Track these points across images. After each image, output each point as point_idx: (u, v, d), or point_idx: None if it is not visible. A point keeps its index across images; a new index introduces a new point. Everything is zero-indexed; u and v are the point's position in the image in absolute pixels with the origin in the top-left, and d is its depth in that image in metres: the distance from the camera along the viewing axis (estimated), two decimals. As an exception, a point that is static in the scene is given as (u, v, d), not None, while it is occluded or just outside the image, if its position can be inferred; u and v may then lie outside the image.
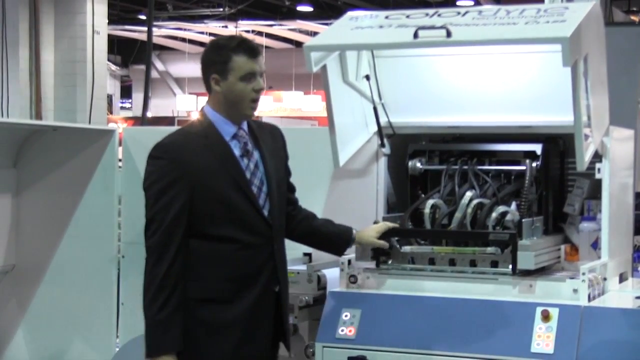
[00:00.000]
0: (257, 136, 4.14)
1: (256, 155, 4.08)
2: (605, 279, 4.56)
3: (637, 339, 4.07)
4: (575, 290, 4.10)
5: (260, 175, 4.06)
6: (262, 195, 4.03)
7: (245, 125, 4.10)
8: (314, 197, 5.19)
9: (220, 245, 3.92)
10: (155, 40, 25.74)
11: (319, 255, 5.12)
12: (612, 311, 4.23)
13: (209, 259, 3.91)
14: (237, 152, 4.00)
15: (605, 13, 11.79)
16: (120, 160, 5.66)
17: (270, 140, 4.21)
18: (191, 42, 29.89)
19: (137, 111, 26.53)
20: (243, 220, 3.96)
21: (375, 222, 4.72)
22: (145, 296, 3.89)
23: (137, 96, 31.00)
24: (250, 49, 3.98)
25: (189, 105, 28.29)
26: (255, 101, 4.03)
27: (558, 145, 4.92)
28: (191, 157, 3.92)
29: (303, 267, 4.93)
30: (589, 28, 4.46)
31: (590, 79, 4.46)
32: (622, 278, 4.85)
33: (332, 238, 4.51)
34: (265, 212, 4.02)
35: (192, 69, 31.29)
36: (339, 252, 4.56)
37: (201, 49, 22.65)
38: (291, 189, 4.41)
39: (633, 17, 20.36)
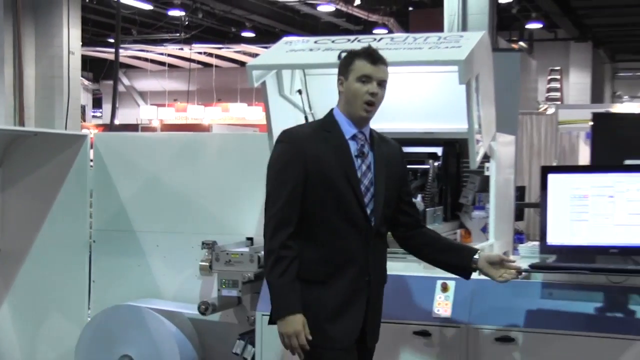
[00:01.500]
0: (375, 145, 3.77)
1: (370, 158, 3.72)
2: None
3: (516, 305, 4.17)
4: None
5: (370, 177, 3.68)
6: (368, 195, 3.66)
7: (367, 132, 3.76)
8: (255, 193, 5.20)
9: (321, 230, 3.59)
10: (121, 59, 25.50)
11: (260, 240, 5.13)
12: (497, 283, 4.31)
13: (309, 241, 3.59)
14: (353, 151, 3.67)
15: (492, 41, 11.96)
16: (91, 160, 5.62)
17: (388, 153, 3.82)
18: (152, 61, 29.62)
19: (106, 119, 26.22)
20: (347, 211, 3.61)
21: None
22: (266, 264, 3.60)
23: (106, 107, 30.55)
24: (370, 56, 3.68)
25: (150, 114, 28.06)
26: (369, 104, 3.65)
27: (455, 148, 4.99)
28: (310, 146, 3.62)
29: (246, 249, 4.92)
30: (480, 53, 4.54)
31: (481, 94, 4.55)
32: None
33: (451, 260, 3.94)
34: (368, 210, 3.64)
35: (153, 84, 31.14)
36: (461, 273, 3.96)
37: (161, 67, 22.44)
38: (406, 201, 3.93)
39: (514, 45, 20.64)
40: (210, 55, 28.01)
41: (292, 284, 3.53)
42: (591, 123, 6.14)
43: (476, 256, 3.84)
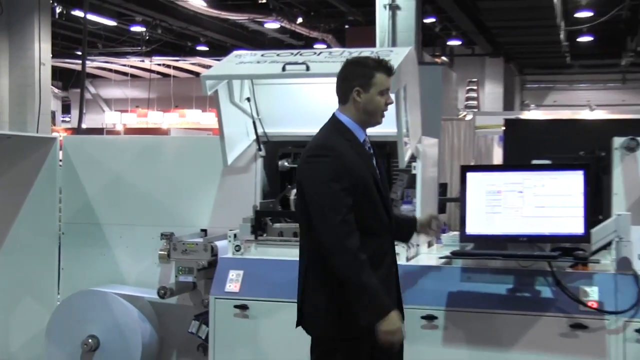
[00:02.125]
0: (372, 145, 3.65)
1: (374, 161, 3.60)
2: (418, 245, 4.69)
3: (439, 288, 4.20)
4: (397, 253, 4.19)
5: (380, 178, 3.58)
6: (384, 194, 3.58)
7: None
8: (208, 190, 5.18)
9: (362, 232, 3.34)
10: (88, 70, 25.13)
11: (213, 231, 5.12)
12: (423, 267, 4.35)
13: None
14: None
15: (418, 55, 12.03)
16: (60, 160, 5.55)
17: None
18: (116, 72, 29.33)
19: (74, 124, 25.88)
20: (378, 212, 3.50)
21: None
22: (344, 269, 3.29)
23: (74, 112, 30.15)
24: (388, 69, 3.55)
25: (114, 119, 27.76)
26: (384, 112, 3.59)
27: (386, 149, 4.99)
28: (347, 154, 3.41)
29: (201, 240, 4.89)
30: (407, 66, 4.57)
31: (408, 102, 4.58)
32: (429, 245, 4.95)
33: (401, 230, 3.91)
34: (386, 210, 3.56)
35: (117, 92, 30.84)
36: (408, 239, 4.11)
37: (124, 77, 22.06)
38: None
39: (437, 59, 20.84)
40: (169, 66, 27.84)
41: (380, 285, 3.34)
42: (503, 128, 6.21)
43: (419, 228, 4.00)
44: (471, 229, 4.16)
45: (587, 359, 3.99)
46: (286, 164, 5.10)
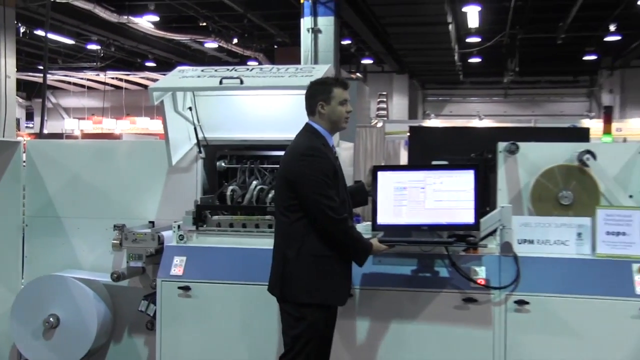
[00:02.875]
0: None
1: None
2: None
3: (354, 269, 4.20)
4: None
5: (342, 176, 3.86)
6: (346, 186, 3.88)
7: None
8: (155, 187, 5.10)
9: None
10: (49, 82, 24.59)
11: (160, 222, 5.04)
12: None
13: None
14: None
15: (336, 72, 12.10)
16: (24, 162, 5.40)
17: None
18: (74, 84, 28.69)
19: (37, 129, 25.22)
20: (344, 205, 3.76)
21: (357, 181, 4.61)
22: (340, 232, 3.64)
23: (37, 119, 29.44)
24: (344, 83, 3.83)
25: (72, 125, 27.10)
26: (347, 119, 3.83)
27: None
28: (327, 155, 3.70)
29: (149, 230, 4.80)
30: (327, 80, 4.57)
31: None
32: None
33: (358, 197, 4.24)
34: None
35: (75, 102, 30.17)
36: (366, 201, 4.32)
37: (81, 89, 21.57)
38: None
39: (352, 75, 20.99)
40: (121, 79, 27.39)
41: (360, 233, 3.76)
42: (408, 134, 6.27)
43: (367, 188, 4.24)
44: (382, 219, 4.16)
45: (476, 326, 4.07)
46: (223, 164, 5.07)
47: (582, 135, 5.69)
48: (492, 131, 7.69)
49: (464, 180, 4.11)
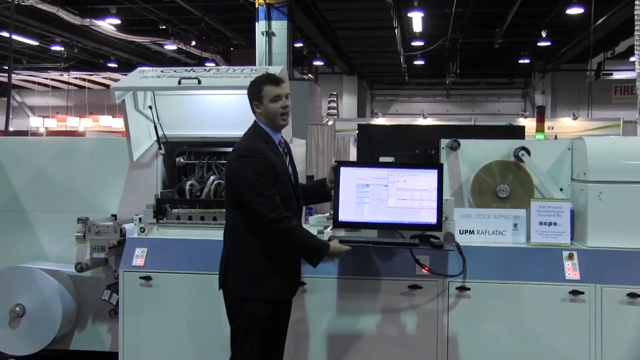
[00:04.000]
0: (287, 147, 3.76)
1: (287, 159, 3.70)
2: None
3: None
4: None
5: (292, 171, 3.68)
6: (294, 185, 3.67)
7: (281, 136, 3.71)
8: (117, 182, 5.03)
9: None
10: (14, 82, 24.01)
11: (122, 216, 4.97)
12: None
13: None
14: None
15: (289, 73, 12.06)
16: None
17: (292, 151, 3.84)
18: (39, 84, 28.04)
19: (2, 127, 24.64)
20: (290, 201, 3.57)
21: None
22: (280, 236, 3.47)
23: (2, 118, 28.68)
24: (273, 80, 3.61)
25: (37, 123, 26.43)
26: (284, 114, 3.60)
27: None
28: (268, 155, 3.50)
29: (111, 223, 4.73)
30: (281, 81, 4.55)
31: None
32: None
33: (319, 192, 4.10)
34: (298, 200, 3.68)
35: (39, 100, 29.45)
36: (329, 197, 4.10)
37: (46, 88, 21.17)
38: None
39: (304, 76, 20.96)
40: (84, 79, 26.83)
41: (311, 233, 3.60)
42: (357, 131, 6.28)
43: (329, 184, 4.03)
44: (343, 216, 3.99)
45: (422, 312, 4.12)
46: (182, 160, 5.03)
47: (517, 133, 5.78)
48: (436, 129, 7.77)
49: (427, 180, 4.02)
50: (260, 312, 3.54)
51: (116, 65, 24.05)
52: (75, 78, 26.28)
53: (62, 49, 21.04)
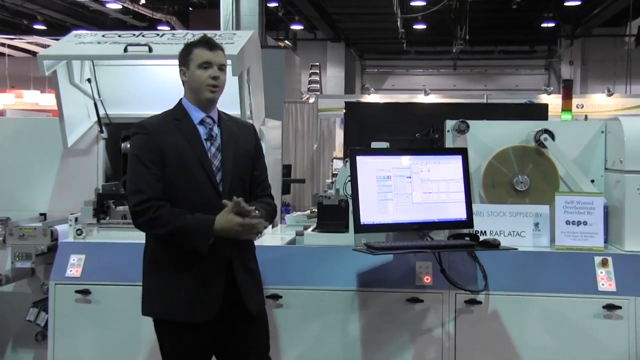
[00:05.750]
0: (223, 126, 3.60)
1: (219, 140, 3.54)
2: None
3: (286, 266, 4.24)
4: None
5: (220, 158, 3.51)
6: (219, 175, 3.48)
7: (215, 115, 3.58)
8: (48, 172, 5.01)
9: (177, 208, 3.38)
10: None
11: (53, 215, 4.95)
12: (270, 248, 4.35)
13: None
14: (203, 135, 3.50)
15: (261, 39, 12.00)
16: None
17: (239, 134, 3.64)
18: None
19: None
20: (201, 193, 3.44)
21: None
22: (150, 228, 3.42)
23: None
24: (206, 43, 3.55)
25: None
26: (213, 87, 3.50)
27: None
28: (164, 134, 3.44)
29: (39, 224, 4.73)
30: (250, 49, 4.56)
31: (252, 85, 4.58)
32: (273, 225, 4.97)
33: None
34: (221, 188, 3.46)
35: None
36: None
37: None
38: (257, 176, 3.69)
39: (280, 43, 20.94)
40: (3, 44, 26.55)
41: (184, 215, 3.36)
42: (344, 111, 6.28)
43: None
44: (366, 217, 3.90)
45: (426, 326, 4.14)
46: (129, 146, 4.98)
47: (539, 112, 5.81)
48: (440, 108, 7.81)
49: (453, 168, 4.05)
50: (174, 338, 3.48)
51: (45, 28, 23.84)
52: (-10, 42, 26.08)
53: (-25, 6, 20.84)
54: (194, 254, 3.39)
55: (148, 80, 4.96)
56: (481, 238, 4.01)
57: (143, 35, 4.70)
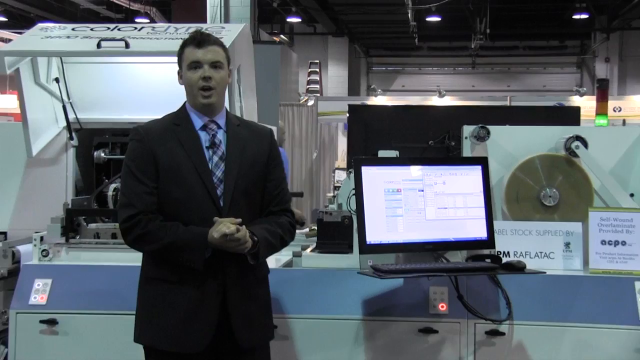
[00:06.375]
0: (231, 132, 3.58)
1: (223, 148, 3.53)
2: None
3: (282, 292, 4.20)
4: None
5: (223, 168, 3.49)
6: (221, 187, 3.46)
7: (221, 119, 3.58)
8: (9, 186, 5.01)
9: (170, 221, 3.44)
10: None
11: (15, 234, 4.94)
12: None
13: None
14: (204, 142, 3.51)
15: (253, 33, 12.05)
16: None
17: (249, 141, 3.60)
18: None
19: None
20: (199, 206, 3.44)
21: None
22: (138, 245, 3.48)
23: None
24: (195, 40, 3.53)
25: None
26: (205, 89, 3.50)
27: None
28: (160, 142, 3.47)
29: (-1, 244, 4.73)
30: (241, 44, 4.58)
31: (243, 85, 4.59)
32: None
33: None
34: (221, 203, 3.45)
35: None
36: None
37: None
38: (271, 188, 3.64)
39: (275, 38, 20.98)
40: (-42, 39, 26.70)
41: (175, 228, 3.40)
42: (348, 115, 6.28)
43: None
44: (373, 236, 3.91)
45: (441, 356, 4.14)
46: (103, 154, 5.02)
47: (570, 116, 5.81)
48: (456, 111, 7.78)
49: (471, 180, 4.08)
50: None
51: (5, 20, 23.91)
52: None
53: None
54: (188, 274, 3.42)
55: (124, 80, 4.98)
56: (504, 260, 4.01)
57: (119, 29, 4.72)
